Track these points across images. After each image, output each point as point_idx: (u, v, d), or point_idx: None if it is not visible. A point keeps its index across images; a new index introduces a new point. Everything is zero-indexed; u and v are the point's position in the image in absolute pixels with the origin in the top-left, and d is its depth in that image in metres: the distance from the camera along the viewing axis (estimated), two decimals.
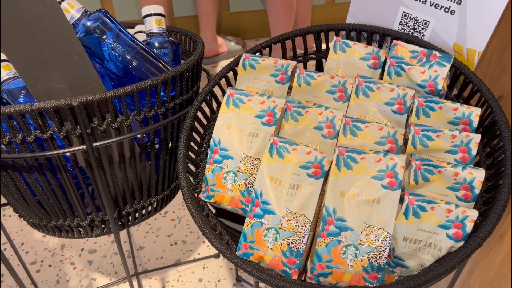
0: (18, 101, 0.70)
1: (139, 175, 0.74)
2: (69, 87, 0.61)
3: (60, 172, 0.68)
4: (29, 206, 0.73)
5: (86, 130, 0.62)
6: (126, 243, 1.33)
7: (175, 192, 0.88)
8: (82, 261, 1.28)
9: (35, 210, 0.74)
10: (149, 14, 0.80)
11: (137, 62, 0.70)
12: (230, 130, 0.67)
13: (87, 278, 1.23)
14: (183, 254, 1.30)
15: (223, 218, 0.72)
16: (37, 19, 0.55)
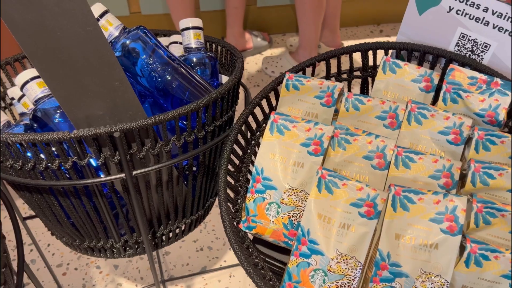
0: (53, 120, 0.68)
1: (175, 198, 0.72)
2: (108, 113, 0.58)
3: (95, 196, 0.65)
4: (63, 228, 0.71)
5: (126, 158, 0.59)
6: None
7: (208, 210, 0.85)
8: (108, 265, 1.27)
9: (69, 231, 0.72)
10: (187, 28, 0.76)
11: (177, 83, 0.66)
12: (274, 158, 0.63)
13: (113, 283, 1.23)
14: (209, 261, 1.28)
15: (260, 245, 0.69)
16: (79, 45, 0.51)
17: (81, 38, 0.51)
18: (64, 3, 0.48)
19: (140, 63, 0.66)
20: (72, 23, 0.50)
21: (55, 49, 0.51)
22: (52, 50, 0.51)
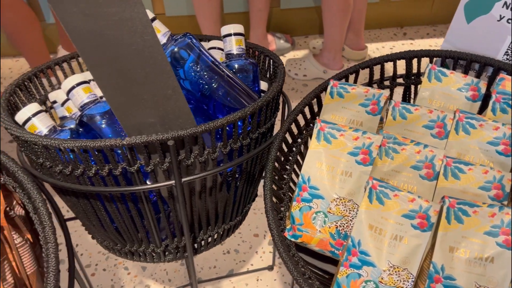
0: (98, 126, 0.68)
1: (217, 204, 0.72)
2: (159, 121, 0.58)
3: (141, 201, 0.66)
4: (106, 232, 0.72)
5: (178, 165, 0.59)
6: None
7: (245, 216, 0.85)
8: (136, 266, 1.28)
9: (112, 236, 0.72)
10: (229, 34, 0.76)
11: (223, 90, 0.66)
12: (321, 167, 0.63)
13: (141, 285, 1.23)
14: (236, 264, 1.28)
15: (301, 253, 0.69)
16: (136, 54, 0.52)
17: (138, 47, 0.51)
18: (125, 12, 0.48)
19: (186, 69, 0.66)
20: (131, 32, 0.50)
21: (113, 58, 0.51)
22: (110, 59, 0.51)
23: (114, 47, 0.51)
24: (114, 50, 0.51)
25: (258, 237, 1.35)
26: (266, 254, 1.30)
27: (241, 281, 1.24)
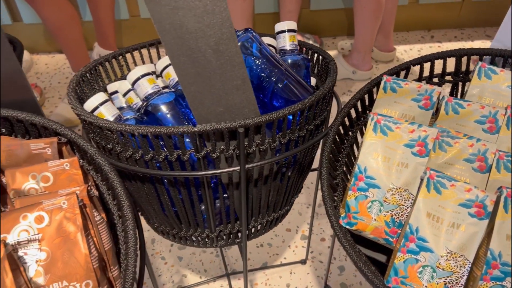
0: (161, 115, 0.72)
1: (270, 192, 0.75)
2: (227, 110, 0.62)
3: (203, 187, 0.69)
4: (165, 216, 0.76)
5: (244, 152, 0.62)
6: None
7: (291, 206, 0.88)
8: (172, 256, 1.32)
9: (171, 220, 0.76)
10: (283, 31, 0.80)
11: (282, 83, 0.69)
12: (377, 158, 0.65)
13: (178, 274, 1.27)
14: (269, 257, 1.31)
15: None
16: (214, 45, 0.55)
17: (216, 39, 0.55)
18: (208, 6, 0.52)
19: (247, 61, 0.70)
20: (211, 25, 0.53)
21: (192, 49, 0.55)
22: (189, 50, 0.55)
23: (194, 39, 0.54)
24: (194, 41, 0.54)
25: (290, 232, 1.38)
26: (299, 248, 1.33)
27: (275, 273, 1.27)
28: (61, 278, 0.51)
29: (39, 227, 0.51)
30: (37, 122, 0.63)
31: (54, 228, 0.52)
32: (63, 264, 0.51)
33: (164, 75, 0.78)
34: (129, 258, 0.54)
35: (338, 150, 0.74)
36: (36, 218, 0.51)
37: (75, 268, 0.51)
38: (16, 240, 0.50)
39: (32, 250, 0.51)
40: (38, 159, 0.61)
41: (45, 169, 0.58)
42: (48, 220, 0.52)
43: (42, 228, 0.51)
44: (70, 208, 0.52)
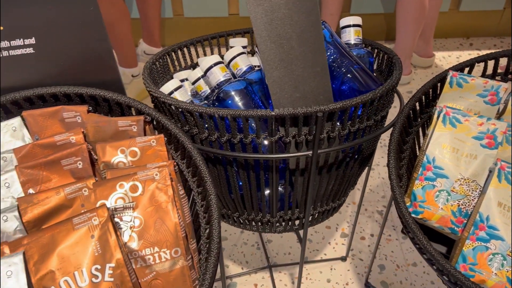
0: (231, 101, 0.75)
1: (333, 180, 0.77)
2: (303, 96, 0.64)
3: (271, 171, 0.72)
4: (231, 200, 0.79)
5: (319, 137, 0.65)
6: (255, 234, 1.38)
7: (346, 199, 0.90)
8: None
9: (236, 203, 0.79)
10: (348, 25, 0.82)
11: (352, 73, 0.72)
12: (446, 149, 0.67)
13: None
14: (309, 253, 1.33)
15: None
16: (299, 33, 0.58)
17: (302, 27, 0.58)
18: None
19: None
20: (300, 12, 0.56)
21: (280, 36, 0.58)
22: (277, 36, 0.58)
23: (282, 25, 0.57)
24: (282, 28, 0.57)
25: (330, 229, 1.40)
26: (339, 245, 1.35)
27: (315, 268, 1.28)
28: (153, 244, 0.54)
29: (133, 195, 0.55)
30: (122, 102, 0.67)
31: (147, 197, 0.55)
32: (155, 231, 0.54)
33: (232, 65, 0.81)
34: (213, 229, 0.57)
35: (404, 141, 0.76)
36: (131, 187, 0.55)
37: (166, 235, 0.54)
38: (113, 206, 0.54)
39: (126, 217, 0.54)
40: (123, 135, 0.65)
41: (133, 144, 0.61)
42: (141, 190, 0.55)
43: (136, 196, 0.55)
44: (162, 180, 0.56)
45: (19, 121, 0.66)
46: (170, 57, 0.93)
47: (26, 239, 0.48)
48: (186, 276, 0.55)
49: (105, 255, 0.49)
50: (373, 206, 1.45)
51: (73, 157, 0.59)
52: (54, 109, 0.66)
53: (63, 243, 0.48)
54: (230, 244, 1.36)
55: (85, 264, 0.48)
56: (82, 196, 0.55)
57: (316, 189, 0.77)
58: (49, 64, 0.66)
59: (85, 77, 0.67)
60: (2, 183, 0.58)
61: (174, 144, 0.67)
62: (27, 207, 0.53)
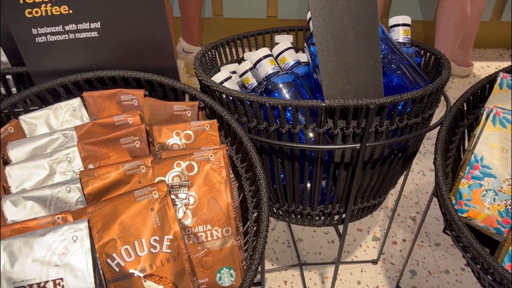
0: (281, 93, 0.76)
1: (375, 176, 0.78)
2: (354, 88, 0.65)
3: (315, 163, 0.73)
4: (273, 190, 0.80)
5: (368, 130, 0.66)
6: (286, 232, 1.39)
7: (386, 196, 0.90)
8: None
9: (278, 193, 0.80)
10: (397, 24, 0.83)
11: (400, 71, 0.73)
12: (495, 149, 0.67)
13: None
14: None
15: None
16: (356, 25, 0.59)
17: (359, 19, 0.59)
18: None
19: None
20: (359, 4, 0.58)
21: (337, 27, 0.59)
22: (334, 28, 0.59)
23: (340, 17, 0.59)
24: (340, 19, 0.59)
25: (361, 232, 1.39)
26: (370, 248, 1.34)
27: (346, 270, 1.28)
28: (206, 222, 0.56)
29: (189, 174, 0.57)
30: (178, 88, 0.69)
31: (202, 177, 0.57)
32: (208, 209, 0.56)
33: (280, 60, 0.83)
34: (262, 212, 0.58)
35: (450, 141, 0.76)
36: (188, 166, 0.57)
37: (218, 214, 0.56)
38: (170, 183, 0.56)
39: (182, 194, 0.56)
40: (178, 119, 0.67)
41: (188, 128, 0.64)
42: (197, 169, 0.57)
43: (192, 176, 0.57)
44: (216, 161, 0.58)
45: (78, 101, 0.70)
46: (218, 51, 0.96)
47: (90, 208, 0.51)
48: (236, 255, 0.56)
49: (164, 227, 0.51)
50: (406, 211, 1.44)
51: (131, 136, 0.62)
52: (112, 92, 0.69)
53: (125, 213, 0.51)
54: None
55: (144, 235, 0.50)
56: (140, 173, 0.58)
57: (359, 184, 0.78)
58: (110, 48, 0.69)
59: (143, 62, 0.70)
60: (64, 157, 0.61)
61: (224, 131, 0.69)
62: (89, 180, 0.56)
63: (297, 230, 1.40)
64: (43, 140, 0.63)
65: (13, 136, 0.65)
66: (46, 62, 0.69)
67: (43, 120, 0.68)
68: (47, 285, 0.47)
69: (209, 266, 0.55)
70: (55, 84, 0.69)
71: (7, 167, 0.59)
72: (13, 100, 0.68)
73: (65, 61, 0.69)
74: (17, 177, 0.59)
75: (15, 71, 0.72)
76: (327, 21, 0.59)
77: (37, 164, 0.60)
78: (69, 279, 0.47)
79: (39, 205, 0.55)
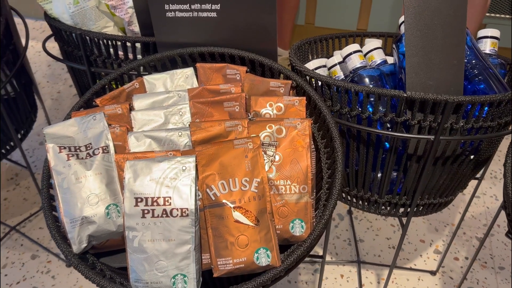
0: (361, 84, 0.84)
1: (445, 175, 0.83)
2: (435, 84, 0.72)
3: (389, 152, 0.80)
4: (345, 174, 0.88)
5: (444, 125, 0.71)
6: (348, 231, 1.44)
7: (453, 200, 0.94)
8: None
9: (349, 177, 0.88)
10: (485, 36, 0.87)
11: (482, 77, 0.77)
12: None
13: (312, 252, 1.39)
14: (399, 260, 1.36)
15: None
16: (444, 24, 0.66)
17: (448, 20, 0.66)
18: None
19: None
20: (450, 6, 0.64)
21: (426, 25, 0.66)
22: (424, 26, 0.66)
23: (430, 17, 0.66)
24: (430, 19, 0.66)
25: (424, 243, 1.41)
26: (430, 260, 1.35)
27: (403, 275, 1.31)
28: (287, 178, 0.65)
29: (278, 136, 0.67)
30: (275, 68, 0.80)
31: (288, 140, 0.67)
32: (290, 168, 0.65)
33: (368, 57, 0.91)
34: (336, 179, 0.66)
35: None
36: (277, 129, 0.67)
37: (298, 173, 0.65)
38: (262, 141, 0.66)
39: (270, 152, 0.66)
40: (272, 94, 0.78)
41: (280, 101, 0.74)
42: (285, 133, 0.67)
43: (280, 138, 0.67)
44: (302, 129, 0.67)
45: (191, 71, 0.83)
46: (311, 47, 1.05)
47: (197, 148, 0.63)
48: (308, 210, 0.65)
49: (254, 171, 0.61)
50: (472, 231, 1.44)
51: (233, 101, 0.73)
52: (220, 66, 0.81)
53: (224, 156, 0.62)
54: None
55: (238, 175, 0.61)
56: (237, 131, 0.68)
57: (428, 179, 0.83)
58: (223, 28, 0.81)
59: (248, 43, 0.82)
60: (177, 111, 0.73)
61: (310, 110, 0.78)
62: (196, 130, 0.67)
63: (360, 231, 1.45)
64: (161, 96, 0.77)
65: (137, 91, 0.80)
66: (170, 34, 0.83)
67: (161, 82, 0.82)
68: (158, 200, 0.59)
69: (284, 215, 0.65)
70: (174, 54, 0.83)
71: (132, 112, 0.73)
72: (140, 62, 0.83)
73: (185, 35, 0.83)
74: (139, 121, 0.72)
75: (143, 40, 0.87)
76: (418, 19, 0.66)
77: (156, 113, 0.73)
78: (176, 199, 0.58)
79: (155, 143, 0.68)
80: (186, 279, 0.59)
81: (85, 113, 0.71)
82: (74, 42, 0.95)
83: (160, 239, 0.58)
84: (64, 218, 0.64)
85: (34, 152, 1.73)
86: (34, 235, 1.44)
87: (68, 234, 0.63)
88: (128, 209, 0.59)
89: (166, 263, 0.59)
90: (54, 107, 1.94)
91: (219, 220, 0.60)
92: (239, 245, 0.60)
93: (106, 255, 0.70)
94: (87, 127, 0.68)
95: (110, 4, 0.94)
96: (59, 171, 0.65)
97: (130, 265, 0.60)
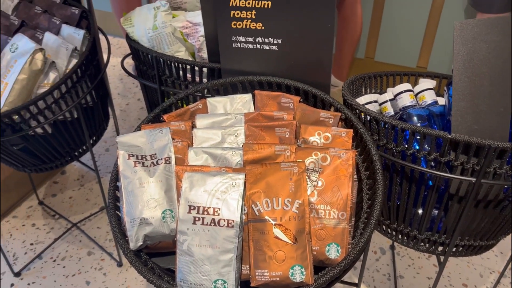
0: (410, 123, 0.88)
1: (487, 218, 0.83)
2: (480, 129, 0.74)
3: (431, 190, 0.82)
4: (386, 207, 0.91)
5: (486, 168, 0.74)
6: (389, 266, 1.44)
7: (496, 243, 0.94)
8: None
9: (391, 211, 0.91)
10: None
11: None
12: None
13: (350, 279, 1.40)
14: None
15: None
16: (493, 75, 0.69)
17: (496, 70, 0.69)
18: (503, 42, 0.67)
19: None
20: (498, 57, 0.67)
21: (474, 73, 0.70)
22: (472, 73, 0.70)
23: (479, 66, 0.69)
24: (478, 67, 0.69)
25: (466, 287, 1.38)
26: None
27: None
28: (327, 203, 0.70)
29: (322, 164, 0.72)
30: (326, 100, 0.86)
31: (332, 168, 0.72)
32: (331, 194, 0.70)
33: (419, 97, 0.95)
34: (374, 210, 0.70)
35: None
36: (322, 157, 0.72)
37: (338, 200, 0.70)
38: (307, 167, 0.72)
39: (313, 177, 0.71)
40: (321, 124, 0.83)
41: (328, 131, 0.79)
42: (329, 161, 0.72)
43: (324, 165, 0.72)
44: (346, 159, 0.72)
45: (249, 96, 0.90)
46: (365, 82, 1.10)
47: (247, 167, 0.70)
48: (345, 236, 0.69)
49: (296, 193, 0.67)
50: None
51: (284, 127, 0.80)
52: (276, 94, 0.88)
53: (271, 176, 0.68)
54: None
55: (281, 195, 0.67)
56: (285, 155, 0.75)
57: (469, 220, 0.84)
58: (282, 61, 0.88)
59: (304, 75, 0.88)
60: (233, 132, 0.81)
61: (356, 142, 0.83)
62: (248, 150, 0.74)
63: (401, 267, 1.44)
64: (221, 117, 0.85)
65: (200, 111, 0.88)
66: (234, 63, 0.91)
67: (222, 105, 0.90)
68: (209, 209, 0.66)
69: (322, 238, 0.69)
70: (236, 81, 0.91)
71: (194, 129, 0.81)
72: (205, 85, 0.92)
73: (247, 64, 0.91)
74: (199, 138, 0.80)
75: (210, 66, 0.97)
76: (466, 67, 0.70)
77: (214, 132, 0.81)
78: (224, 210, 0.65)
79: (211, 158, 0.75)
80: (226, 285, 0.65)
81: (153, 127, 0.80)
82: (149, 62, 1.07)
83: (206, 245, 0.65)
84: (126, 217, 0.72)
85: (100, 157, 1.88)
86: (92, 233, 1.56)
87: (128, 232, 0.72)
88: (182, 215, 0.66)
89: (209, 268, 0.65)
90: (122, 117, 2.11)
91: (260, 234, 0.66)
92: (276, 260, 0.65)
93: (157, 256, 0.78)
94: (154, 139, 0.77)
95: (184, 31, 1.05)
96: (126, 175, 0.74)
97: (178, 266, 0.67)
